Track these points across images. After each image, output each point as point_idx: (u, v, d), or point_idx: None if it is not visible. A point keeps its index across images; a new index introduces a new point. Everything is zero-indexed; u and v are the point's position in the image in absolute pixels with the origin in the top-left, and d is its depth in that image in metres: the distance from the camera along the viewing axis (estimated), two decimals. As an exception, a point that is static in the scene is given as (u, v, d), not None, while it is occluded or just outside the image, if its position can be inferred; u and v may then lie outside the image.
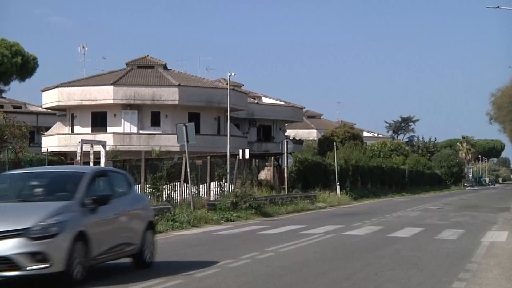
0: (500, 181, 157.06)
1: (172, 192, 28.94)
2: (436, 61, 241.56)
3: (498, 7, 31.09)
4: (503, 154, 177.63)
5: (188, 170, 27.41)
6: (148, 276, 11.76)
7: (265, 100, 65.48)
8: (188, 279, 11.44)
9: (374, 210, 34.93)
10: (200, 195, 30.85)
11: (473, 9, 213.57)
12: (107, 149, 30.48)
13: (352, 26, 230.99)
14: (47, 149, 40.13)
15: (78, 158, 26.89)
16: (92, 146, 29.02)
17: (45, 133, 54.11)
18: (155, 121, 49.34)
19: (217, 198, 30.20)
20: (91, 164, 28.24)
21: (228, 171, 32.61)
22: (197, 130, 38.30)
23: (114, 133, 47.57)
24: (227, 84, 38.83)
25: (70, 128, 51.15)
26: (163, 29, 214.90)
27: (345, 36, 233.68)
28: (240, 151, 35.04)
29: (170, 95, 48.28)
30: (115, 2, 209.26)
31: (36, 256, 9.59)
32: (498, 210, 35.01)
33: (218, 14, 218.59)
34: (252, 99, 61.24)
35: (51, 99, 50.81)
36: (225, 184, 32.17)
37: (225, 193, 30.58)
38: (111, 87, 48.03)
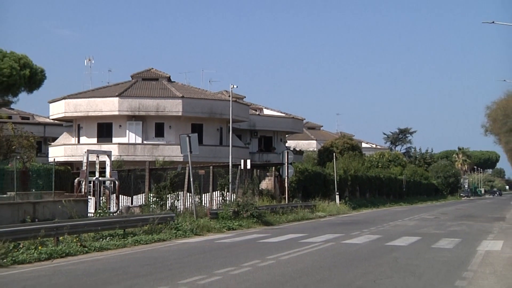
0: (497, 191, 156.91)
1: (176, 201, 28.90)
2: (433, 74, 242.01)
3: (493, 22, 31.12)
4: (498, 165, 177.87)
5: (191, 179, 27.41)
6: (151, 283, 11.76)
7: (266, 111, 65.53)
8: (191, 286, 11.44)
9: (373, 219, 34.86)
10: (203, 204, 30.84)
11: (470, 24, 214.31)
12: (112, 159, 30.54)
13: (351, 40, 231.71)
14: (54, 159, 40.09)
15: (84, 167, 26.95)
16: (97, 156, 29.09)
17: (52, 143, 54.14)
18: (159, 132, 49.36)
19: (219, 207, 30.16)
20: (97, 173, 28.33)
21: (230, 180, 32.58)
22: (200, 141, 38.37)
23: (119, 144, 47.59)
24: (229, 96, 38.89)
25: (77, 138, 51.17)
26: (167, 43, 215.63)
27: (345, 50, 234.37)
28: (242, 161, 35.03)
29: (174, 107, 48.34)
30: (121, 16, 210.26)
31: None
32: (493, 220, 34.94)
33: (221, 29, 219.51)
34: (253, 111, 61.29)
35: (58, 110, 50.87)
36: (227, 193, 32.13)
37: (227, 202, 30.54)
38: (117, 98, 48.10)
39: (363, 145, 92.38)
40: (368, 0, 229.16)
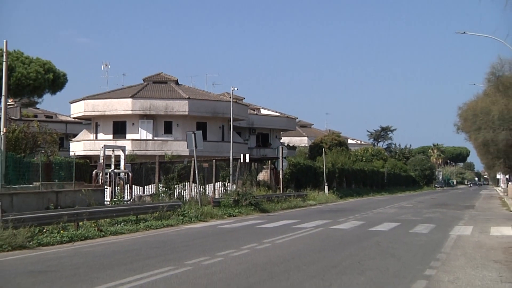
0: (466, 182, 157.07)
1: (182, 191, 28.89)
2: (412, 78, 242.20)
3: (465, 32, 30.97)
4: (468, 159, 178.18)
5: (196, 171, 27.40)
6: (160, 263, 11.76)
7: (263, 111, 65.42)
8: (196, 266, 11.44)
9: (357, 207, 34.88)
10: (207, 193, 30.82)
11: (446, 33, 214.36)
12: (126, 153, 30.51)
13: (339, 47, 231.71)
14: (75, 153, 40.07)
15: (101, 161, 26.91)
16: (113, 151, 29.04)
17: (73, 139, 54.04)
18: (168, 129, 49.25)
19: (221, 196, 30.15)
20: (112, 166, 28.30)
21: (231, 172, 32.58)
22: (204, 137, 38.32)
23: (132, 140, 47.49)
24: (230, 97, 38.85)
25: (94, 135, 51.06)
26: (176, 49, 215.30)
27: (334, 56, 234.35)
28: (241, 155, 35.00)
29: (181, 107, 48.24)
30: (134, 25, 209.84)
31: None
32: (464, 208, 34.98)
33: (224, 38, 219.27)
34: (252, 111, 61.18)
35: (78, 109, 50.75)
36: (228, 184, 32.12)
37: (228, 192, 30.51)
38: (130, 99, 48.00)
39: (349, 141, 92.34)
40: (354, 9, 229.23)
